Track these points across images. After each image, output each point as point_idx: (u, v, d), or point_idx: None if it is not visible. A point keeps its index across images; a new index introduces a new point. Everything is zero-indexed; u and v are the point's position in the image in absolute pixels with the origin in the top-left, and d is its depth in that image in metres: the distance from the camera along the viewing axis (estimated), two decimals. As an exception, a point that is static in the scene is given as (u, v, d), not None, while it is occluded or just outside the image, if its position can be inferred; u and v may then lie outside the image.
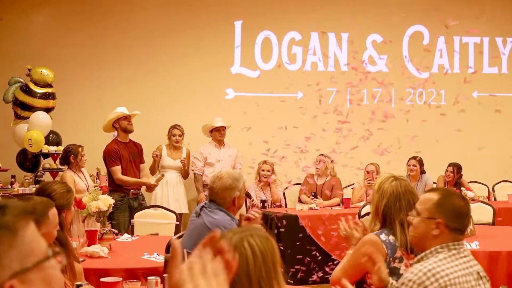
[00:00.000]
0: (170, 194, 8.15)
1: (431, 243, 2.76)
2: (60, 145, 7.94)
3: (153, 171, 8.27)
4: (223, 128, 8.46)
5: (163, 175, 7.51)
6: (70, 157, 6.64)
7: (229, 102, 9.47)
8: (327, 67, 9.76)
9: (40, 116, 7.55)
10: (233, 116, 8.82)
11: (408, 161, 8.66)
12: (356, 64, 9.78)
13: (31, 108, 7.64)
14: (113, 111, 7.36)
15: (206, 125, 8.53)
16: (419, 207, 2.83)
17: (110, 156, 7.08)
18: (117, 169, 7.04)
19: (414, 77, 9.93)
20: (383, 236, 3.37)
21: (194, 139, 8.49)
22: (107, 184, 7.04)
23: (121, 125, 7.29)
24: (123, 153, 7.12)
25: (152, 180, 7.36)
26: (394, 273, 3.29)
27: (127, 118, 7.30)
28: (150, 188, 7.42)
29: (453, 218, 2.71)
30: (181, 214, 7.96)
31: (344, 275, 3.33)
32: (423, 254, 2.73)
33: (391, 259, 3.32)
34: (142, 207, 7.00)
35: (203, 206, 3.95)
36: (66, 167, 6.75)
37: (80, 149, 6.70)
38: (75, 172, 6.61)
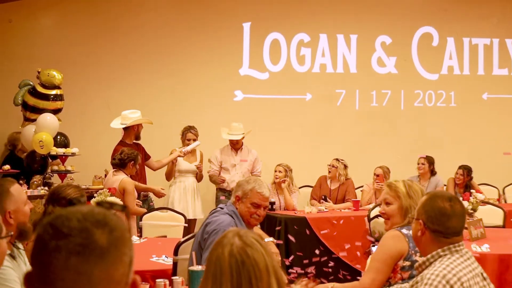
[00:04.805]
0: (189, 199, 7.96)
1: (419, 245, 2.81)
2: (68, 146, 7.93)
3: (169, 176, 8.07)
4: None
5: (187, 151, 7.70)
6: (130, 163, 6.46)
7: (237, 104, 9.44)
8: (336, 68, 9.72)
9: (47, 118, 7.53)
10: (241, 118, 8.78)
11: (418, 159, 8.59)
12: (365, 65, 9.76)
13: (39, 110, 7.64)
14: (134, 113, 7.42)
15: (222, 129, 8.33)
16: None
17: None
18: None
19: (423, 79, 9.89)
20: (404, 230, 3.47)
21: (202, 141, 8.43)
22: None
23: (139, 130, 7.43)
24: (132, 155, 7.10)
25: (162, 190, 7.28)
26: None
27: (142, 126, 7.47)
28: (158, 195, 7.36)
29: (433, 219, 2.70)
30: (194, 220, 7.93)
31: (377, 275, 3.43)
32: (425, 259, 2.72)
33: (412, 252, 3.40)
34: (150, 209, 6.96)
35: (221, 208, 3.98)
36: (119, 171, 6.44)
37: (139, 156, 6.65)
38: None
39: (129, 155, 6.50)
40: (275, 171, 7.98)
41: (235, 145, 8.18)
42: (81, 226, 1.30)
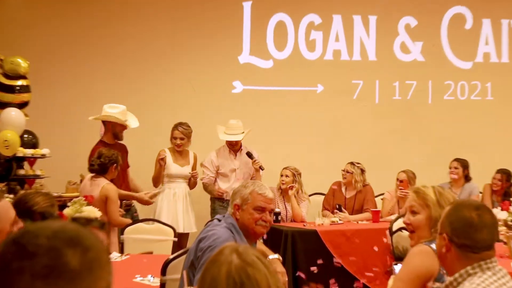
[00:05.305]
0: (180, 210, 7.88)
1: (445, 263, 2.80)
2: (37, 147, 7.89)
3: (157, 182, 7.98)
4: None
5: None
6: (112, 167, 6.49)
7: (236, 97, 9.42)
8: (352, 56, 9.69)
9: (12, 114, 7.51)
10: (241, 113, 8.74)
11: (450, 163, 8.55)
12: (386, 52, 9.72)
13: (2, 105, 7.61)
14: (113, 108, 7.38)
15: (218, 127, 8.23)
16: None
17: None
18: None
19: (454, 68, 9.86)
20: (434, 246, 3.37)
21: (195, 140, 8.37)
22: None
23: (114, 129, 7.37)
24: (112, 158, 7.07)
25: (145, 195, 7.23)
26: None
27: (123, 126, 7.40)
28: (142, 202, 7.32)
29: (459, 232, 2.70)
30: (186, 234, 7.87)
31: None
32: (452, 279, 2.70)
33: (444, 271, 3.33)
34: (134, 220, 6.93)
35: (218, 219, 3.98)
36: (99, 176, 6.47)
37: (119, 156, 6.64)
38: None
39: (110, 157, 6.50)
40: (281, 175, 7.93)
41: (234, 147, 8.11)
42: (50, 245, 1.29)
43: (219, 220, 3.93)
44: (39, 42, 8.87)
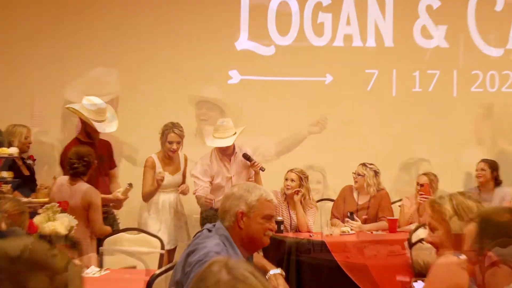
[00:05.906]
0: (169, 221, 7.86)
1: (494, 283, 2.71)
2: (3, 146, 7.86)
3: (149, 197, 7.86)
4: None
5: (131, 185, 7.27)
6: (93, 166, 6.61)
7: (232, 88, 9.41)
8: (366, 41, 9.68)
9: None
10: (238, 107, 8.73)
11: (477, 164, 8.53)
12: (405, 37, 9.71)
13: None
14: (92, 104, 7.36)
15: (204, 129, 8.17)
16: (465, 250, 2.83)
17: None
18: None
19: (483, 55, 9.85)
20: (463, 257, 3.31)
21: (185, 142, 8.33)
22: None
23: (86, 127, 7.39)
24: (87, 157, 7.08)
25: (118, 193, 7.23)
26: None
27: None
28: (119, 203, 7.32)
29: (505, 241, 2.65)
30: (175, 248, 7.86)
31: None
32: None
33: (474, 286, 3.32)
34: (114, 230, 6.93)
35: (208, 229, 3.95)
36: (78, 179, 6.57)
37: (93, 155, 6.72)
38: None
39: (91, 155, 6.59)
40: (286, 179, 7.93)
41: (226, 151, 8.00)
42: (13, 269, 1.30)
43: (210, 231, 3.90)
44: (2, 21, 8.84)
